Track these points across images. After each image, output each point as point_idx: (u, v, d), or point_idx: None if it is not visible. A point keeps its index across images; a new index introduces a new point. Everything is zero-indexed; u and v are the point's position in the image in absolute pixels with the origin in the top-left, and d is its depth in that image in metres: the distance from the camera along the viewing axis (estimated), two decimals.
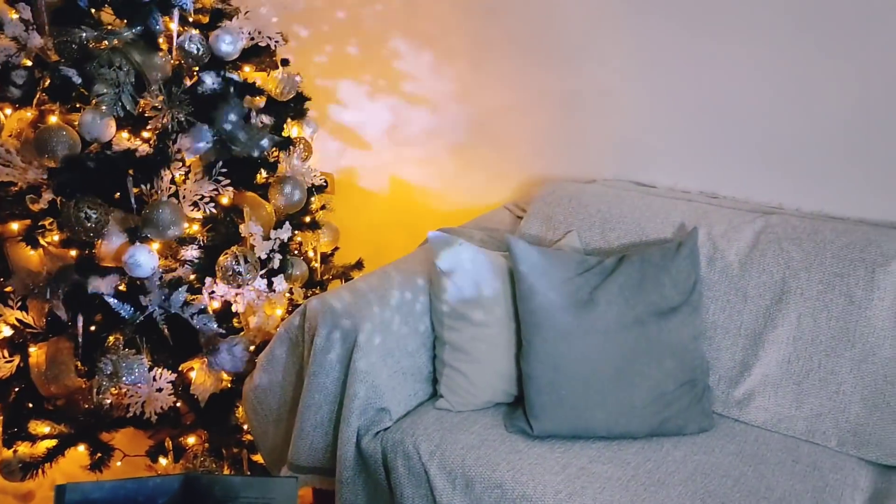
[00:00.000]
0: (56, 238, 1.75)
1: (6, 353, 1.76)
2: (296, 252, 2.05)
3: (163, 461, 1.83)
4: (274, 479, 1.55)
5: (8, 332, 1.76)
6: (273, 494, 1.33)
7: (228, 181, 1.79)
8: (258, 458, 1.87)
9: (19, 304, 1.76)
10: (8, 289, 1.77)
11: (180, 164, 1.77)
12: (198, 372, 1.80)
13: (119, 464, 1.83)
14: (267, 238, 1.86)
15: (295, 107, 2.05)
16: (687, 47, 1.97)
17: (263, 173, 1.97)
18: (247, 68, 1.95)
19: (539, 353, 1.64)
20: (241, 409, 1.85)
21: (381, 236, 2.57)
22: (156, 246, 1.77)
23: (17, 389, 1.79)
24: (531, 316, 1.66)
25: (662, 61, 2.02)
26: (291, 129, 2.09)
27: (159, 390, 1.73)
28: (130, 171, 1.74)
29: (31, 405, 1.79)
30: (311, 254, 2.13)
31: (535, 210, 2.03)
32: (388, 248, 2.37)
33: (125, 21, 1.76)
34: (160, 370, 1.74)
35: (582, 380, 1.61)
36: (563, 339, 1.63)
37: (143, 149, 1.74)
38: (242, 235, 1.84)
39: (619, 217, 1.91)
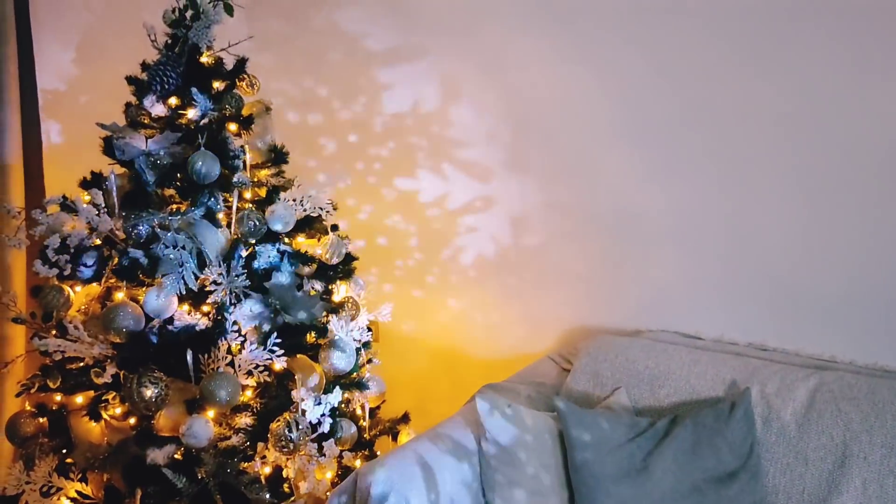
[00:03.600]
0: (118, 411, 1.81)
1: None
2: (344, 412, 2.06)
3: None
4: None
5: None
6: None
7: (282, 351, 1.84)
8: None
9: (80, 476, 1.80)
10: (69, 460, 1.81)
11: (236, 334, 1.83)
12: None
13: None
14: (318, 402, 1.89)
15: (343, 269, 2.13)
16: (728, 196, 2.02)
17: (313, 335, 2.02)
18: (300, 237, 2.04)
19: None
20: None
21: (426, 385, 2.58)
22: (211, 414, 1.81)
23: None
24: (585, 486, 1.64)
25: (703, 211, 2.07)
26: (340, 290, 2.15)
27: None
28: (188, 344, 1.80)
29: None
30: (359, 411, 2.15)
31: (582, 365, 2.03)
32: (433, 398, 2.39)
33: (188, 201, 1.87)
34: None
35: None
36: None
37: (202, 322, 1.81)
38: (294, 401, 1.87)
39: (668, 373, 1.90)
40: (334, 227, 2.09)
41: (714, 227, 2.06)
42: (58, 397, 1.88)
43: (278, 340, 1.84)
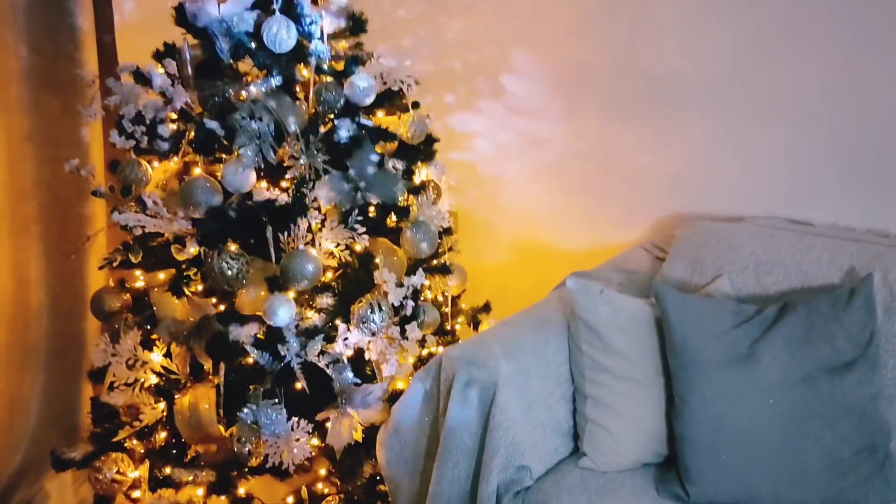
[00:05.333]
0: (199, 287, 1.78)
1: (152, 400, 1.80)
2: (427, 297, 2.01)
3: None
4: None
5: (154, 379, 1.80)
6: None
7: (364, 229, 1.77)
8: None
9: (164, 351, 1.80)
10: (154, 336, 1.81)
11: (316, 212, 1.76)
12: (333, 422, 1.78)
13: None
14: (400, 285, 1.83)
15: (425, 149, 2.03)
16: (841, 65, 1.82)
17: (394, 217, 1.95)
18: (379, 113, 1.93)
19: (695, 413, 1.51)
20: (375, 459, 1.81)
21: (507, 276, 2.49)
22: (293, 294, 1.77)
23: (162, 435, 1.83)
24: (684, 372, 1.54)
25: (811, 81, 1.86)
26: (421, 172, 2.06)
27: (297, 440, 1.71)
28: (268, 220, 1.75)
29: (174, 451, 1.82)
30: (440, 298, 2.09)
31: (680, 251, 1.90)
32: (515, 289, 2.29)
33: (264, 72, 1.78)
34: (298, 420, 1.73)
35: (745, 443, 1.47)
36: (721, 399, 1.50)
37: (282, 198, 1.75)
38: (376, 282, 1.81)
39: (777, 260, 1.75)
40: (415, 105, 1.98)
41: (824, 98, 1.86)
42: (140, 273, 1.87)
43: (360, 218, 1.77)
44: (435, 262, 2.04)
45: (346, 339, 1.80)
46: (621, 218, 2.25)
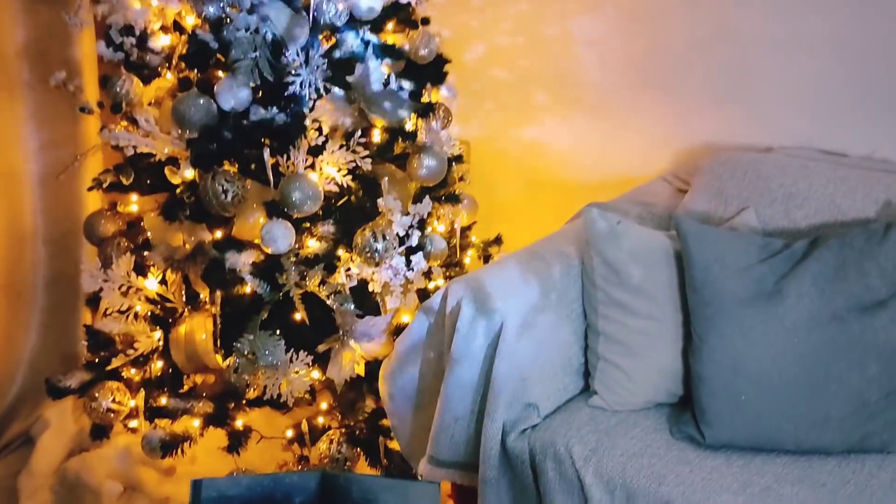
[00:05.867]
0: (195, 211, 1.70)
1: (148, 328, 1.74)
2: (435, 228, 1.92)
3: (299, 445, 1.77)
4: (414, 482, 1.45)
5: (149, 306, 1.74)
6: (413, 499, 1.22)
7: (367, 152, 1.67)
8: (395, 445, 1.78)
9: (160, 278, 1.73)
10: (149, 262, 1.74)
11: (317, 133, 1.67)
12: (334, 354, 1.72)
13: (256, 444, 1.79)
14: (405, 213, 1.74)
15: (435, 70, 1.91)
16: None
17: (401, 142, 1.84)
18: (387, 27, 1.81)
19: (714, 352, 1.43)
20: (378, 394, 1.76)
21: (521, 209, 2.40)
22: (291, 219, 1.69)
23: (158, 365, 1.77)
24: (704, 308, 1.45)
25: (849, 4, 1.75)
26: (430, 94, 1.94)
27: (296, 372, 1.66)
28: (266, 142, 1.66)
29: (171, 381, 1.77)
30: (449, 229, 2.00)
31: (703, 183, 1.80)
32: (528, 223, 2.20)
33: None
34: (297, 352, 1.67)
35: (766, 384, 1.39)
36: (743, 337, 1.41)
37: (280, 118, 1.65)
38: (380, 210, 1.72)
39: (807, 192, 1.65)
40: (425, 21, 1.85)
41: (859, 23, 1.75)
42: (134, 196, 1.79)
43: (363, 140, 1.67)
44: (444, 191, 1.95)
45: (348, 269, 1.73)
46: (642, 148, 2.13)
